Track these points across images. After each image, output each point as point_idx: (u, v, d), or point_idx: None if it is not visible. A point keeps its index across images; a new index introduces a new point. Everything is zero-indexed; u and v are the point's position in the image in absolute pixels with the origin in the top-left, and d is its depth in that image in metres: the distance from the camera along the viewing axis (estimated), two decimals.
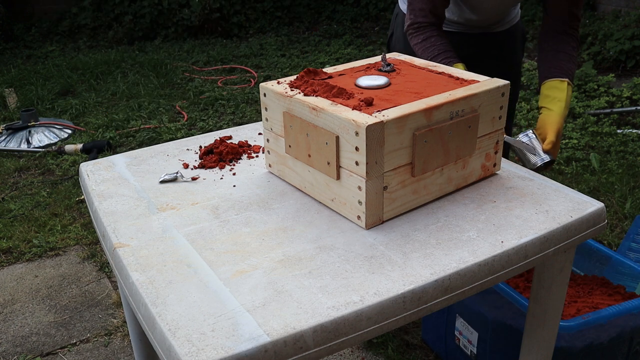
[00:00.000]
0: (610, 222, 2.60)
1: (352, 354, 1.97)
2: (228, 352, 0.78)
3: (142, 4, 6.17)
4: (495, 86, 1.14)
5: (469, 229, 1.05)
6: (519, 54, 1.86)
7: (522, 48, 1.88)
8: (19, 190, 3.18)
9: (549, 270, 1.21)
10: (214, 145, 1.37)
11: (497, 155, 1.22)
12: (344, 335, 0.85)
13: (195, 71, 5.14)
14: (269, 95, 1.18)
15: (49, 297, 2.33)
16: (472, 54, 1.70)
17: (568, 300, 1.63)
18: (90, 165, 1.35)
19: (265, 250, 1.00)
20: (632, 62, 4.56)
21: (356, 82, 1.18)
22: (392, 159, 1.03)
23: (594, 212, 1.11)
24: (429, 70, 1.26)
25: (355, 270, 0.94)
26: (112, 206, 1.16)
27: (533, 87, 4.23)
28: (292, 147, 1.16)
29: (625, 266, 1.68)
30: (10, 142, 3.73)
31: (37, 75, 4.99)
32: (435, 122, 1.07)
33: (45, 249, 2.63)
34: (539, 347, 1.29)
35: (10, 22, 6.22)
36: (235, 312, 0.85)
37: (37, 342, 2.10)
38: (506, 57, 1.81)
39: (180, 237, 1.04)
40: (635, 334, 1.54)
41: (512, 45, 1.82)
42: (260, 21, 6.47)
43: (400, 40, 1.81)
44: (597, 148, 3.30)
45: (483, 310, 1.62)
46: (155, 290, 0.90)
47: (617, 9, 5.44)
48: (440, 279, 0.92)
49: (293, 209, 1.13)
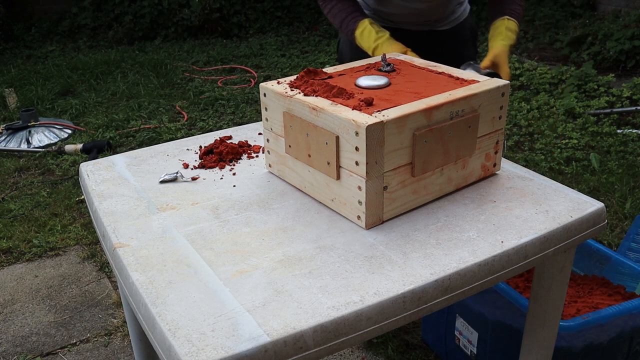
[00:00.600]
0: (610, 222, 2.60)
1: (352, 354, 1.97)
2: (228, 352, 0.78)
3: (142, 4, 6.17)
4: (495, 86, 1.14)
5: (469, 229, 1.05)
6: (469, 51, 1.87)
7: (474, 45, 1.89)
8: (19, 190, 3.18)
9: (549, 270, 1.21)
10: (214, 145, 1.37)
11: (497, 155, 1.22)
12: (344, 335, 0.85)
13: (195, 71, 5.14)
14: (269, 95, 1.18)
15: (49, 297, 2.33)
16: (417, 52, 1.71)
17: (568, 300, 1.63)
18: (90, 165, 1.35)
19: (265, 250, 1.00)
20: (632, 62, 4.56)
21: (356, 82, 1.18)
22: (392, 159, 1.03)
23: (594, 212, 1.11)
24: (429, 70, 1.26)
25: (355, 270, 0.94)
26: (112, 206, 1.16)
27: (533, 87, 4.23)
28: (292, 147, 1.16)
29: (625, 266, 1.68)
30: (10, 142, 3.73)
31: (37, 75, 4.99)
32: (435, 122, 1.07)
33: (45, 249, 2.63)
34: (539, 347, 1.29)
35: (10, 22, 6.22)
36: (235, 312, 0.85)
37: (37, 342, 2.10)
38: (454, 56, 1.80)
39: (180, 237, 1.04)
40: (635, 334, 1.54)
41: (460, 44, 1.82)
42: (260, 21, 6.47)
43: (346, 42, 1.80)
44: (597, 148, 3.30)
45: (483, 310, 1.62)
46: (155, 290, 0.90)
47: (617, 9, 5.44)
48: (440, 279, 0.92)
49: (293, 209, 1.13)
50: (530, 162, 3.15)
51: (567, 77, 4.25)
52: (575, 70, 4.29)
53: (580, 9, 5.76)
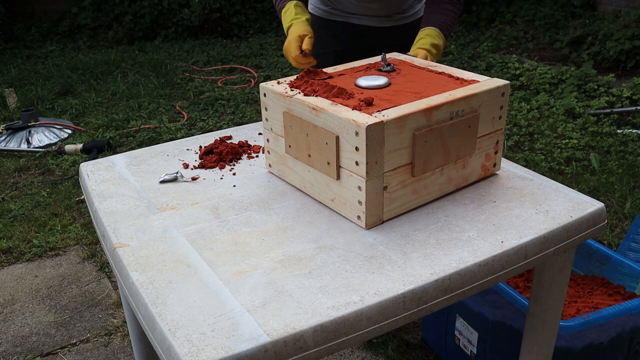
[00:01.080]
0: (610, 222, 2.60)
1: (352, 354, 1.97)
2: (228, 352, 0.78)
3: (142, 4, 6.17)
4: (495, 86, 1.14)
5: (469, 229, 1.05)
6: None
7: None
8: (19, 190, 3.18)
9: (549, 270, 1.21)
10: (214, 145, 1.37)
11: (497, 155, 1.22)
12: (344, 335, 0.85)
13: (195, 71, 5.14)
14: (269, 95, 1.18)
15: (49, 297, 2.33)
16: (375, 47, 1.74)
17: (568, 300, 1.63)
18: (90, 165, 1.35)
19: (265, 250, 1.00)
20: (632, 62, 4.56)
21: (356, 82, 1.18)
22: (392, 159, 1.03)
23: (594, 212, 1.11)
24: (429, 70, 1.26)
25: (355, 270, 0.94)
26: (112, 206, 1.16)
27: (533, 87, 4.23)
28: (292, 147, 1.16)
29: (625, 266, 1.68)
30: (10, 142, 3.73)
31: (37, 75, 4.99)
32: (435, 122, 1.07)
33: (45, 249, 2.63)
34: (539, 347, 1.29)
35: (10, 22, 6.22)
36: (235, 312, 0.85)
37: (37, 342, 2.10)
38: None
39: (180, 237, 1.04)
40: (635, 334, 1.54)
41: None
42: (260, 21, 6.47)
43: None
44: (597, 148, 3.30)
45: (483, 310, 1.62)
46: (155, 290, 0.90)
47: (617, 9, 5.44)
48: (440, 279, 0.92)
49: (293, 209, 1.13)
50: (530, 162, 3.15)
51: (567, 77, 4.25)
52: (575, 70, 4.29)
53: (580, 9, 5.76)
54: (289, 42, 1.54)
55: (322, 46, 1.81)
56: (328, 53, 1.85)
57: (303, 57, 1.52)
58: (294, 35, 1.53)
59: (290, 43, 1.54)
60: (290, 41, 1.53)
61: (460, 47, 5.42)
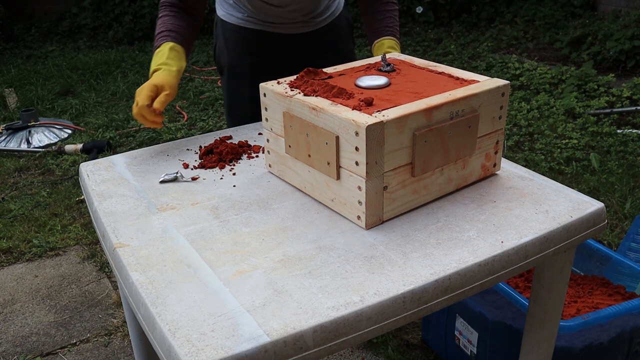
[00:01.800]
0: (610, 222, 2.60)
1: (352, 354, 1.97)
2: (228, 352, 0.78)
3: (142, 4, 6.17)
4: (495, 86, 1.14)
5: (469, 229, 1.05)
6: (348, 45, 1.86)
7: (351, 38, 1.89)
8: (19, 190, 3.18)
9: (549, 270, 1.21)
10: (214, 145, 1.37)
11: (497, 155, 1.22)
12: (344, 336, 0.85)
13: (195, 71, 5.14)
14: (268, 95, 1.18)
15: (49, 297, 2.33)
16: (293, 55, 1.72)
17: (568, 300, 1.63)
18: (90, 165, 1.35)
19: (265, 250, 1.00)
20: (632, 62, 4.56)
21: (356, 82, 1.18)
22: (392, 159, 1.03)
23: (594, 212, 1.11)
24: (429, 70, 1.26)
25: (355, 270, 0.94)
26: (112, 206, 1.16)
27: (533, 87, 4.23)
28: (292, 147, 1.16)
29: (625, 266, 1.68)
30: (10, 142, 3.73)
31: (37, 75, 4.99)
32: (435, 122, 1.07)
33: (45, 249, 2.63)
34: (539, 347, 1.29)
35: (10, 22, 6.23)
36: (235, 312, 0.85)
37: (37, 342, 2.10)
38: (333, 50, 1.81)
39: (180, 237, 1.04)
40: (635, 334, 1.54)
41: (338, 39, 1.82)
42: None
43: (223, 50, 1.76)
44: (597, 148, 3.30)
45: (483, 310, 1.62)
46: (155, 290, 0.90)
47: (617, 9, 5.44)
48: (440, 279, 0.92)
49: (293, 209, 1.13)
50: (530, 162, 3.15)
51: (567, 77, 4.25)
52: (575, 70, 4.29)
53: (580, 9, 5.76)
54: (142, 88, 1.35)
55: (238, 58, 1.73)
56: (245, 65, 1.73)
57: (149, 111, 1.34)
58: (151, 83, 1.36)
59: (143, 89, 1.35)
60: (144, 87, 1.35)
61: (460, 47, 5.42)
